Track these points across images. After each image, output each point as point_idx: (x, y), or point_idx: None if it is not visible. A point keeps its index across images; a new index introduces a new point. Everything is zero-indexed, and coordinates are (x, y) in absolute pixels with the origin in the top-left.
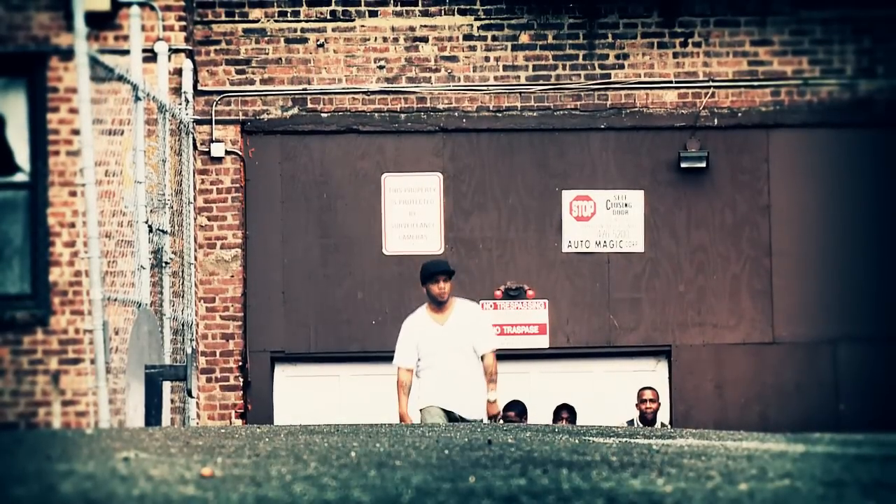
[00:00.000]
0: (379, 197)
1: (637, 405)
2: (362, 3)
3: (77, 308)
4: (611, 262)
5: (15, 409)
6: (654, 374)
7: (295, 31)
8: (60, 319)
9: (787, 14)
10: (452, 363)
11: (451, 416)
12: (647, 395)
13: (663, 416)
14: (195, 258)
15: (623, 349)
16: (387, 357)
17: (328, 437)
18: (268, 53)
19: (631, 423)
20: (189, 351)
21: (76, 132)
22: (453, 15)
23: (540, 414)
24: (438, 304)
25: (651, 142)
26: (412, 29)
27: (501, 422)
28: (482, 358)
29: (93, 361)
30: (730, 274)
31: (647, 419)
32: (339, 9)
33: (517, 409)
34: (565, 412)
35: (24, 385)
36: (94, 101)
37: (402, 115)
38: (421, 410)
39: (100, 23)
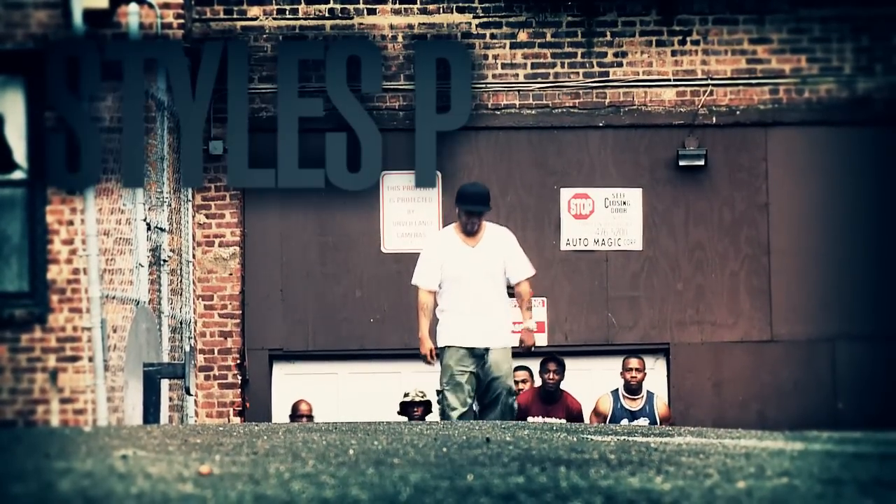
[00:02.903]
0: (378, 195)
1: (622, 374)
2: (361, 1)
3: (75, 306)
4: (609, 260)
5: (13, 407)
6: (653, 372)
7: (293, 28)
8: (59, 317)
9: (786, 12)
10: (479, 289)
11: (473, 353)
12: (633, 363)
13: (653, 388)
14: (193, 256)
15: (621, 347)
16: (386, 355)
17: (326, 435)
18: (266, 51)
19: (615, 392)
20: (187, 349)
21: None
22: (452, 13)
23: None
24: (469, 233)
25: (649, 140)
26: (411, 27)
27: (533, 348)
28: (516, 286)
29: (91, 359)
30: (728, 272)
31: (632, 387)
32: (338, 6)
33: (558, 364)
34: (553, 363)
35: (23, 383)
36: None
37: (401, 113)
38: (442, 349)
39: (98, 20)
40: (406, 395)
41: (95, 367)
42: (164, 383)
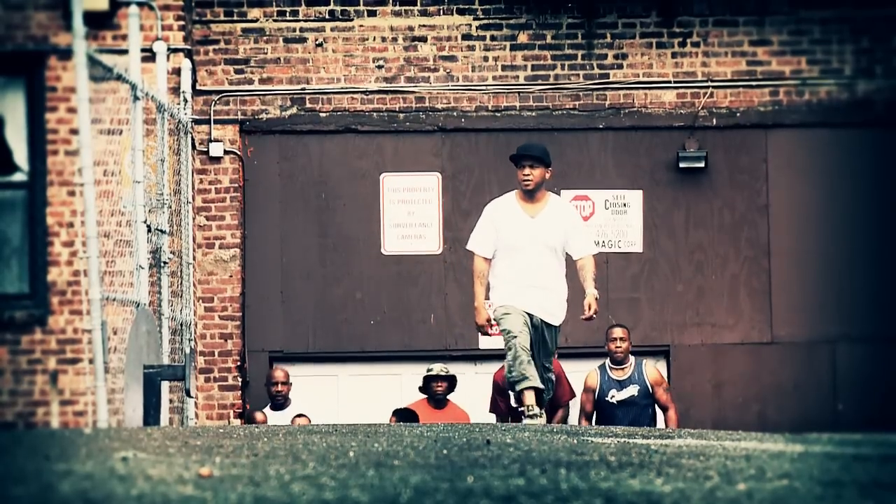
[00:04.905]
0: (377, 196)
1: (607, 344)
2: (361, 3)
3: (76, 308)
4: (609, 262)
5: (13, 409)
6: None
7: (294, 30)
8: (59, 319)
9: (786, 14)
10: (538, 262)
11: (532, 319)
12: (616, 332)
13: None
14: (194, 258)
15: (603, 359)
16: (386, 357)
17: (326, 437)
18: (266, 53)
19: (602, 366)
20: (187, 351)
21: (75, 132)
22: (452, 15)
23: None
24: (528, 193)
25: (650, 142)
26: (411, 29)
27: (595, 316)
28: (577, 261)
29: (91, 361)
30: (728, 274)
31: (618, 359)
32: (338, 8)
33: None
34: None
35: (23, 385)
36: (93, 100)
37: (401, 115)
38: (498, 308)
39: (98, 22)
40: (429, 370)
41: (96, 369)
42: (165, 385)
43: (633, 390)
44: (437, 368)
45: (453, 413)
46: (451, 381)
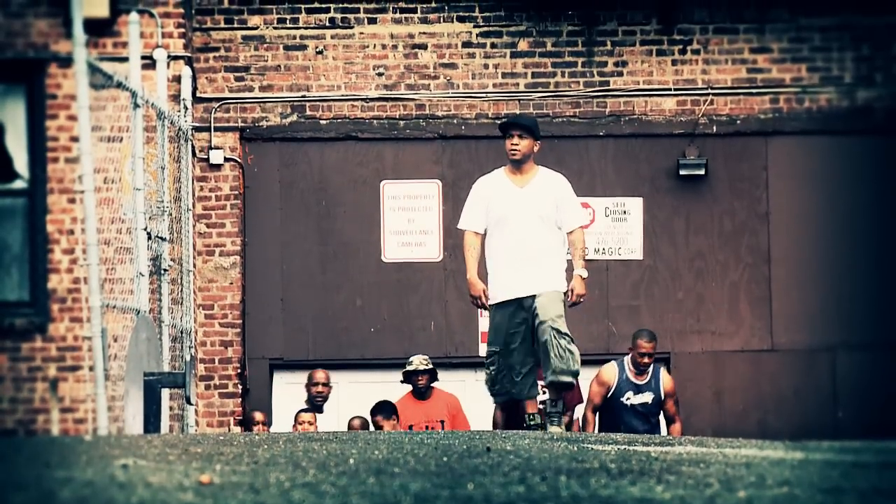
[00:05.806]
0: (378, 204)
1: (631, 351)
2: (361, 11)
3: (76, 315)
4: (609, 269)
5: (13, 416)
6: None
7: (294, 38)
8: (59, 326)
9: (786, 21)
10: (528, 233)
11: (523, 304)
12: (645, 346)
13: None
14: (194, 265)
15: (622, 356)
16: (386, 365)
17: (327, 445)
18: (267, 60)
19: (621, 364)
20: (188, 358)
21: (75, 139)
22: (452, 22)
23: None
24: (515, 165)
25: (650, 149)
26: (411, 36)
27: (581, 301)
28: (568, 234)
29: (91, 368)
30: (728, 281)
31: (640, 367)
32: (338, 16)
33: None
34: None
35: (23, 392)
36: (93, 108)
37: (401, 122)
38: (492, 306)
39: (98, 30)
40: (409, 363)
41: (96, 376)
42: (165, 392)
43: (647, 397)
44: (416, 362)
45: (441, 399)
46: (432, 372)
